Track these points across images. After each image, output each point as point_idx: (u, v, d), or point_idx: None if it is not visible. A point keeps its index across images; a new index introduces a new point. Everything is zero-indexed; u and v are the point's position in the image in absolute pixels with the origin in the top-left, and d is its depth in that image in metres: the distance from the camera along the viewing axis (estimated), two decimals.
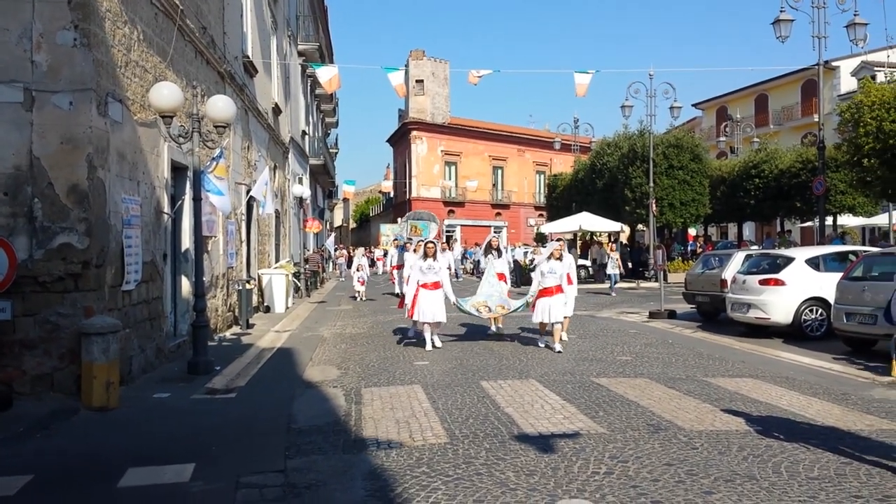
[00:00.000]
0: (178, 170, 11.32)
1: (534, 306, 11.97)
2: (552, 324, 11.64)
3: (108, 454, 6.12)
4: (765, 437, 6.32)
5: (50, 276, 7.87)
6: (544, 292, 11.76)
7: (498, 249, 13.71)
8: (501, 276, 13.28)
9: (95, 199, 8.09)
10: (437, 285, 11.99)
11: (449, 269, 21.85)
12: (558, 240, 13.83)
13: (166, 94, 9.19)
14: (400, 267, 19.98)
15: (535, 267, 13.28)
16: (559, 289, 11.80)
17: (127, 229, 8.93)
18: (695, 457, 5.73)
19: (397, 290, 20.42)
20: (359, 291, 23.14)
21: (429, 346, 11.76)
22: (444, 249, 21.75)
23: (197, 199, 10.17)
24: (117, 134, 8.73)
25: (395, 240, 29.25)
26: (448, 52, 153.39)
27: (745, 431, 6.53)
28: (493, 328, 13.47)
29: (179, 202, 11.31)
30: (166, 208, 10.72)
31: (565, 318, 12.29)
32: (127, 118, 9.11)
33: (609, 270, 24.96)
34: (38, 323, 7.86)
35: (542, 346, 11.87)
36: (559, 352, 11.34)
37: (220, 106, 10.05)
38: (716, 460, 5.63)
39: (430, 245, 12.29)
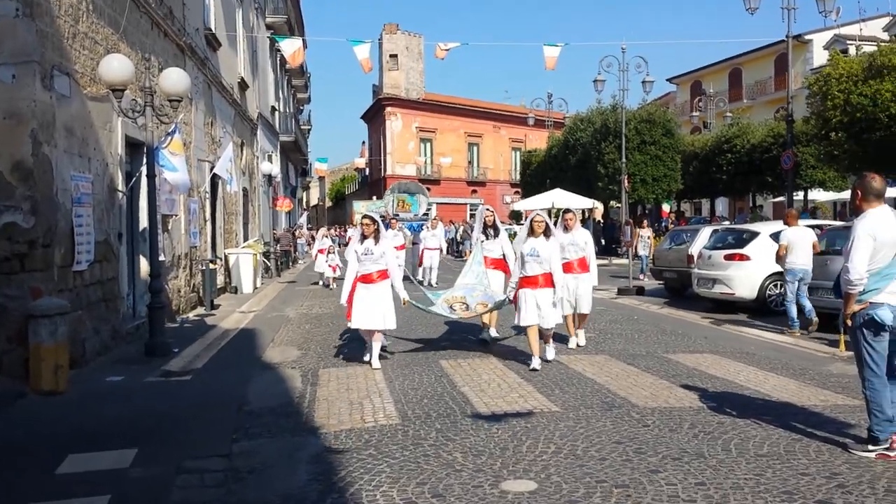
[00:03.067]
0: (133, 146, 11.03)
1: (515, 301, 8.79)
2: (546, 329, 8.58)
3: (51, 440, 5.95)
4: (717, 413, 6.29)
5: None
6: (526, 282, 8.46)
7: (495, 227, 10.26)
8: (497, 263, 10.07)
9: (41, 176, 7.85)
10: (383, 275, 8.70)
11: (440, 249, 21.17)
12: (567, 211, 10.31)
13: (116, 66, 8.90)
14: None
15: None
16: (548, 279, 8.36)
17: (77, 207, 8.68)
18: (645, 434, 5.68)
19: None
20: (329, 278, 19.89)
21: (367, 358, 8.80)
22: (434, 226, 21.15)
23: (151, 176, 9.90)
24: (64, 108, 8.46)
25: (382, 217, 28.96)
26: (422, 25, 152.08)
27: (698, 408, 6.50)
28: (487, 333, 10.22)
29: (134, 179, 11.02)
30: (120, 186, 10.45)
31: (583, 314, 9.79)
32: (75, 92, 8.82)
33: (640, 251, 23.50)
34: None
35: (535, 366, 8.28)
36: (551, 360, 8.65)
37: (174, 79, 9.77)
38: (666, 438, 5.58)
39: (367, 222, 8.73)
